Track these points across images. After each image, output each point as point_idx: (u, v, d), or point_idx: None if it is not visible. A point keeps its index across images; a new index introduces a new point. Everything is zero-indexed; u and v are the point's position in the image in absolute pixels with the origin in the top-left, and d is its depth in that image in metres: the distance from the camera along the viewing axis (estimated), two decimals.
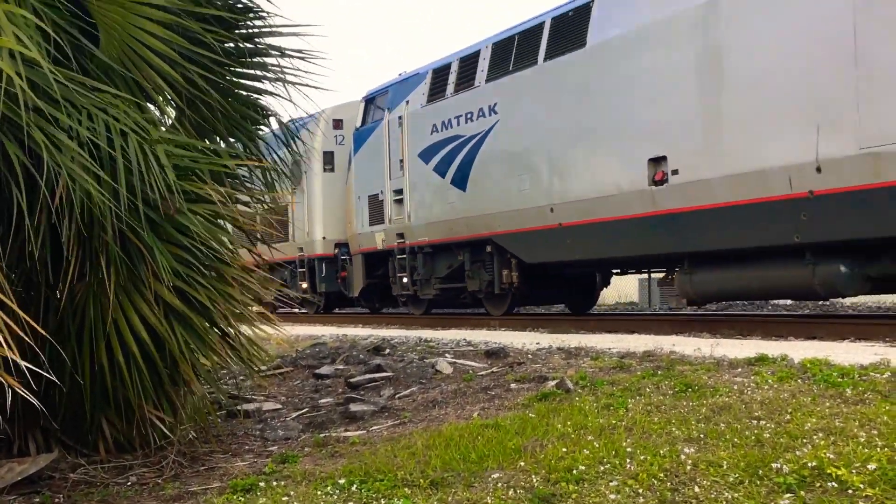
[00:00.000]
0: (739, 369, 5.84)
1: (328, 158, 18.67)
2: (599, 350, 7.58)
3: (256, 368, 5.72)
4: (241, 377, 7.32)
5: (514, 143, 12.54)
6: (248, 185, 5.85)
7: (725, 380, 5.44)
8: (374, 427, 5.65)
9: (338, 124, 18.43)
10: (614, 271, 14.23)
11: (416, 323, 14.40)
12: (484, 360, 7.62)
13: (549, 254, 12.15)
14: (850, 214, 8.21)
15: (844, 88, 8.04)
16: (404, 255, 15.16)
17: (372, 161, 16.15)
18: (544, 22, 12.20)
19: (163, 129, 4.99)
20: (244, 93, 5.56)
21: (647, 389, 5.41)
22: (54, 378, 4.05)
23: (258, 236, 5.86)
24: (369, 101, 16.75)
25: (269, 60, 5.49)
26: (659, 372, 5.96)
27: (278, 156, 5.93)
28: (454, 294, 14.74)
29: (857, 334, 8.44)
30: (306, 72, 5.48)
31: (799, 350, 6.73)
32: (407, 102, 15.12)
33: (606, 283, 15.56)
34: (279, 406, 6.71)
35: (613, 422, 4.64)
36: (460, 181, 13.63)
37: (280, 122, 5.90)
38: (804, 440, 3.88)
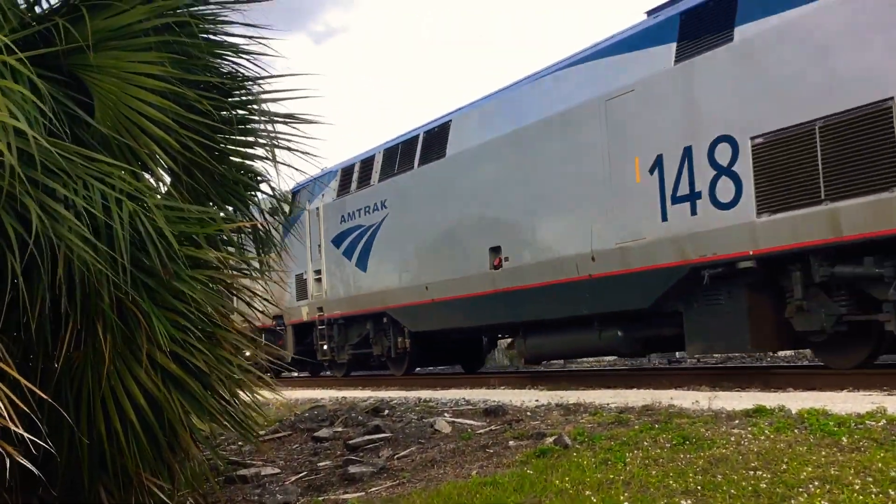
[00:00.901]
0: (737, 421, 5.83)
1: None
2: (598, 405, 7.57)
3: (255, 434, 5.72)
4: (240, 442, 7.30)
5: (399, 232, 15.05)
6: (243, 250, 5.91)
7: (723, 432, 5.44)
8: (373, 488, 5.63)
9: (273, 211, 19.82)
10: (499, 336, 16.46)
11: (416, 384, 14.50)
12: (482, 419, 7.60)
13: (427, 324, 14.49)
14: (613, 292, 10.73)
15: (606, 202, 10.91)
16: (324, 326, 17.41)
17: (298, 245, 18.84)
18: (419, 135, 14.80)
19: (158, 196, 5.05)
20: (238, 159, 5.64)
21: (645, 443, 5.40)
22: (52, 449, 4.05)
23: (248, 301, 5.89)
24: (295, 192, 19.20)
25: (262, 126, 5.57)
26: (657, 426, 5.95)
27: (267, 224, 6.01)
28: (365, 357, 16.88)
29: (855, 384, 8.43)
30: (305, 136, 5.57)
31: (797, 401, 6.72)
32: (322, 196, 17.67)
33: (494, 346, 18.44)
34: (278, 470, 6.68)
35: (611, 476, 4.63)
36: (363, 263, 16.11)
37: (272, 190, 5.97)
38: (800, 489, 3.89)
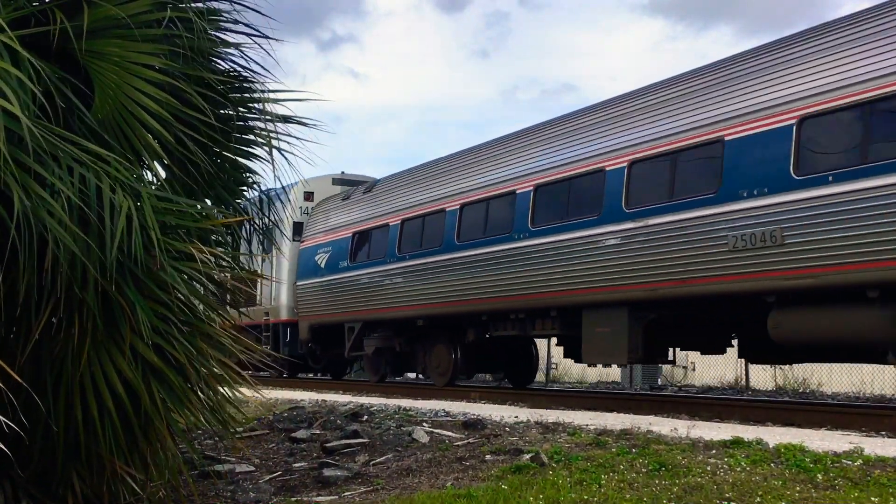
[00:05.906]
0: (714, 451, 5.85)
1: None
2: (577, 426, 7.57)
3: (232, 430, 5.69)
4: (216, 437, 7.26)
5: None
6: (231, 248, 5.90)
7: (699, 460, 5.45)
8: (347, 493, 5.62)
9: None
10: None
11: (397, 392, 14.45)
12: (461, 431, 7.59)
13: None
14: None
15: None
16: None
17: None
18: None
19: (149, 186, 5.04)
20: (233, 156, 5.65)
21: (622, 466, 5.41)
22: (22, 432, 4.02)
23: (241, 298, 5.88)
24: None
25: (259, 125, 5.58)
26: (634, 450, 5.96)
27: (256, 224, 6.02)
28: None
29: (834, 423, 8.47)
30: (301, 139, 5.59)
31: (775, 435, 6.74)
32: None
33: None
34: (252, 468, 6.66)
35: (586, 497, 4.64)
36: None
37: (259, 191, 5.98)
38: None
